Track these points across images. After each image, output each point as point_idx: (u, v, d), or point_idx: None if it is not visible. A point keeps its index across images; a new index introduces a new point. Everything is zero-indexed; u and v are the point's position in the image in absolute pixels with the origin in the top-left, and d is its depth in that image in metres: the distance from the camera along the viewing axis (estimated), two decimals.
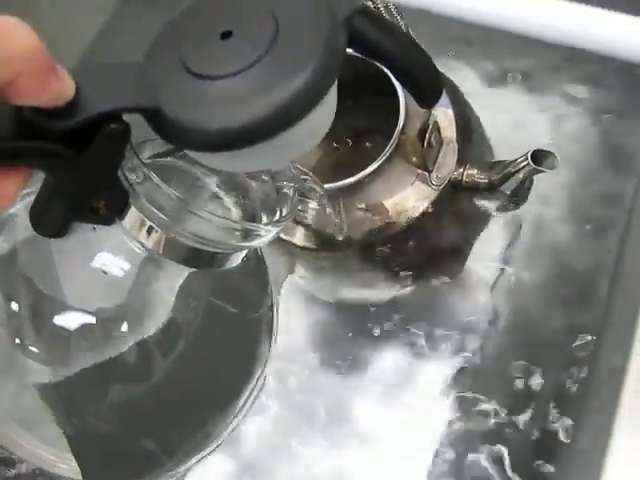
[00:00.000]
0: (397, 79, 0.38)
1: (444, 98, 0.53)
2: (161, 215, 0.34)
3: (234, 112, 0.29)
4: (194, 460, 0.47)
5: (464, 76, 0.58)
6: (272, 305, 0.48)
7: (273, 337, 0.48)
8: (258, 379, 0.47)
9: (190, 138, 0.30)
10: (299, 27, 0.30)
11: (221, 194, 0.43)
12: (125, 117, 0.30)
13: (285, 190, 0.41)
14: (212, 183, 0.42)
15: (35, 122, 0.27)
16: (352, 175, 0.51)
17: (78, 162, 0.29)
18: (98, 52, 0.63)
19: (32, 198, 0.33)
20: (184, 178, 0.41)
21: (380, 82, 0.51)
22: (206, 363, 0.43)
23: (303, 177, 0.41)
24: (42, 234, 0.33)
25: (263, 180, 0.42)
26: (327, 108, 0.32)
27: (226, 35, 0.31)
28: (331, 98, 0.32)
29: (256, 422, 0.52)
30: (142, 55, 0.32)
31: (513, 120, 0.57)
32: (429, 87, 0.37)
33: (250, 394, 0.47)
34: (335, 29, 0.30)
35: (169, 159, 0.40)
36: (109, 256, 0.37)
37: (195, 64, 0.30)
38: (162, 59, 0.31)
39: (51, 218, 0.32)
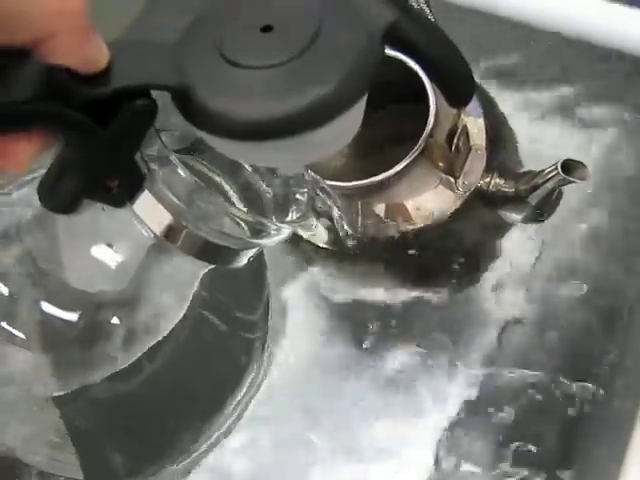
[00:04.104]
0: (429, 76, 0.37)
1: (476, 107, 0.53)
2: (176, 201, 0.33)
3: (262, 104, 0.29)
4: (187, 459, 0.47)
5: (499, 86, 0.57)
6: (268, 311, 0.48)
7: (268, 347, 0.48)
8: (251, 384, 0.48)
9: (215, 123, 0.30)
10: (339, 34, 0.30)
11: (232, 194, 0.42)
12: None
13: (298, 196, 0.40)
14: (223, 183, 0.42)
15: (65, 85, 0.27)
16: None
17: (99, 135, 0.28)
18: (134, 31, 0.62)
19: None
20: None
21: (408, 88, 0.50)
22: (196, 365, 0.43)
23: (317, 186, 0.41)
24: (50, 208, 0.32)
25: (276, 184, 0.42)
26: (354, 116, 0.32)
27: (267, 29, 0.31)
28: (359, 107, 0.31)
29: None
30: (177, 36, 0.32)
31: (546, 133, 0.56)
32: (462, 84, 0.36)
33: (242, 398, 0.47)
34: (373, 41, 0.30)
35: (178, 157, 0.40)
36: (115, 240, 0.36)
37: (230, 51, 0.30)
38: (197, 42, 0.31)
39: (62, 192, 0.31)
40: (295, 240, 0.54)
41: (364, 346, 0.53)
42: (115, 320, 0.37)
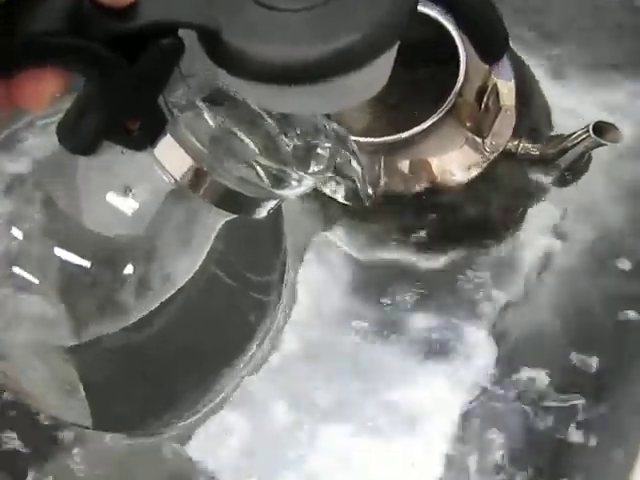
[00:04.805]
0: (462, 28, 0.36)
1: (507, 70, 0.52)
2: (199, 146, 0.33)
3: (294, 47, 0.28)
4: (194, 416, 0.47)
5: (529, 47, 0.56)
6: (284, 269, 0.47)
7: (281, 304, 0.47)
8: (262, 342, 0.47)
9: (244, 66, 0.29)
10: None
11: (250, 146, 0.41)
12: None
13: (320, 150, 0.39)
14: (241, 135, 0.41)
15: (92, 19, 0.26)
16: None
17: (124, 73, 0.28)
18: None
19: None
20: None
21: (440, 48, 0.50)
22: (207, 321, 0.42)
23: (340, 140, 0.40)
24: (69, 149, 0.31)
25: (297, 135, 0.40)
26: (385, 64, 0.31)
27: None
28: (391, 54, 0.31)
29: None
30: None
31: (577, 95, 0.55)
32: (496, 37, 0.36)
33: (254, 355, 0.46)
34: None
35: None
36: (134, 184, 0.35)
37: None
38: None
39: (82, 133, 0.30)
40: (315, 196, 0.53)
41: (383, 303, 0.52)
42: (130, 268, 0.37)
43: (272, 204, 0.37)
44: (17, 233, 0.37)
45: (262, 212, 0.37)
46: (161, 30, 0.27)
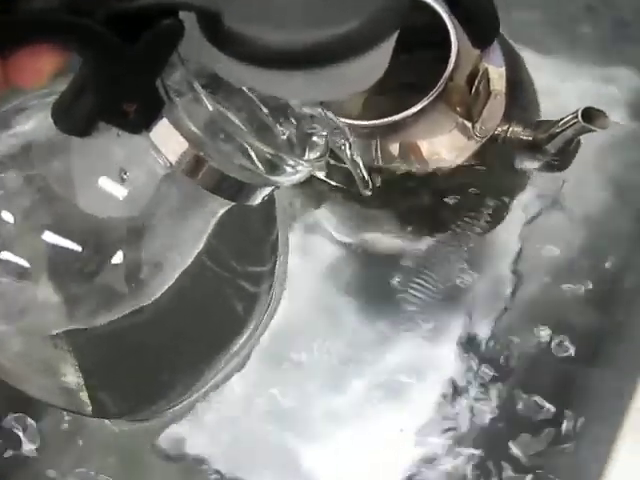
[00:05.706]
0: (455, 12, 0.36)
1: (498, 57, 0.52)
2: (195, 130, 0.32)
3: (295, 32, 0.28)
4: (180, 405, 0.46)
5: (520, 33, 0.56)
6: (276, 257, 0.47)
7: (273, 291, 0.47)
8: (253, 330, 0.46)
9: (245, 50, 0.29)
10: None
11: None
12: None
13: (315, 138, 0.39)
14: (238, 122, 0.41)
15: None
16: None
17: (122, 54, 0.27)
18: None
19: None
20: None
21: (433, 34, 0.50)
22: (201, 303, 0.42)
23: (334, 126, 0.40)
24: (64, 130, 0.31)
25: (291, 123, 0.40)
26: (386, 51, 0.31)
27: None
28: (389, 44, 0.31)
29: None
30: None
31: (566, 82, 0.55)
32: (488, 22, 0.36)
33: (249, 338, 0.46)
34: None
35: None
36: (129, 167, 0.34)
37: None
38: None
39: (77, 114, 0.30)
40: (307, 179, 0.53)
41: (371, 286, 0.53)
42: (123, 256, 0.36)
43: (267, 191, 0.37)
44: (7, 217, 0.36)
45: (257, 199, 0.37)
46: (161, 11, 0.27)
